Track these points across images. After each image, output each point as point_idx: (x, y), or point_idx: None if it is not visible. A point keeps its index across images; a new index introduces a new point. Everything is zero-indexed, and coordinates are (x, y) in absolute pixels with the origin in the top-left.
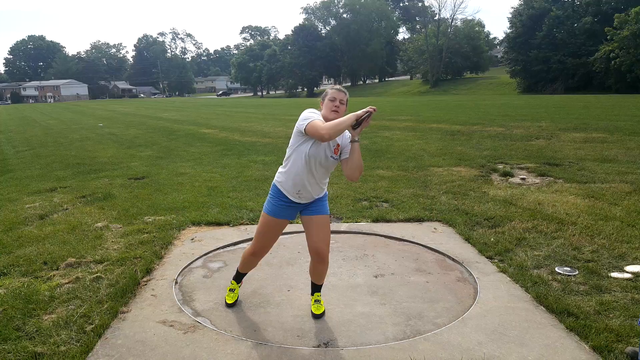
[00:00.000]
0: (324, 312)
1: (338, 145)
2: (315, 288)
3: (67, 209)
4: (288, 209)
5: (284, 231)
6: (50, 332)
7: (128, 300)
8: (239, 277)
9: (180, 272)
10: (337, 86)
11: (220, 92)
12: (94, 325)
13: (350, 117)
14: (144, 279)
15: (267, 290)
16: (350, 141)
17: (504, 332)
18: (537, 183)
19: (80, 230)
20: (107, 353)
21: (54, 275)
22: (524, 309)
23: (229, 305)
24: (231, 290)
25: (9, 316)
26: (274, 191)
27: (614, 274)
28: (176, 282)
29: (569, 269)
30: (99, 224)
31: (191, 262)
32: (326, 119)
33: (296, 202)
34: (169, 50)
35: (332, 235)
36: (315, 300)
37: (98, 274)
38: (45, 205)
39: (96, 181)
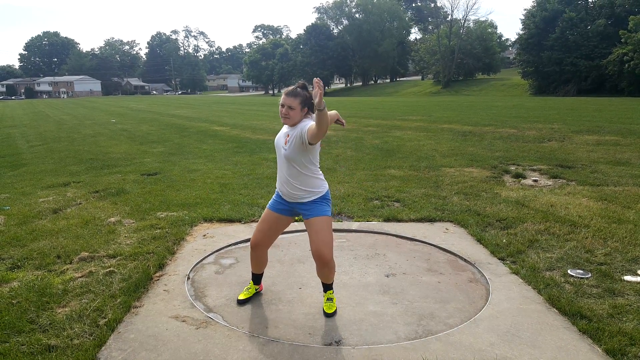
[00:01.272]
0: (335, 311)
1: (288, 135)
2: (326, 287)
3: (80, 204)
4: (281, 205)
5: (295, 229)
6: (64, 325)
7: (141, 295)
8: (254, 279)
9: (193, 267)
10: (288, 89)
11: (180, 92)
12: (107, 319)
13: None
14: (157, 274)
15: (278, 288)
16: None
17: (516, 334)
18: (549, 185)
19: (94, 224)
20: (120, 347)
21: (67, 269)
22: (536, 310)
23: (239, 302)
24: (247, 288)
25: (23, 309)
26: None
27: (628, 278)
28: (188, 278)
29: (581, 271)
30: (112, 219)
31: (203, 258)
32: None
33: (284, 199)
34: (181, 48)
35: (343, 234)
36: (327, 299)
37: (111, 269)
38: (58, 199)
39: (109, 176)
